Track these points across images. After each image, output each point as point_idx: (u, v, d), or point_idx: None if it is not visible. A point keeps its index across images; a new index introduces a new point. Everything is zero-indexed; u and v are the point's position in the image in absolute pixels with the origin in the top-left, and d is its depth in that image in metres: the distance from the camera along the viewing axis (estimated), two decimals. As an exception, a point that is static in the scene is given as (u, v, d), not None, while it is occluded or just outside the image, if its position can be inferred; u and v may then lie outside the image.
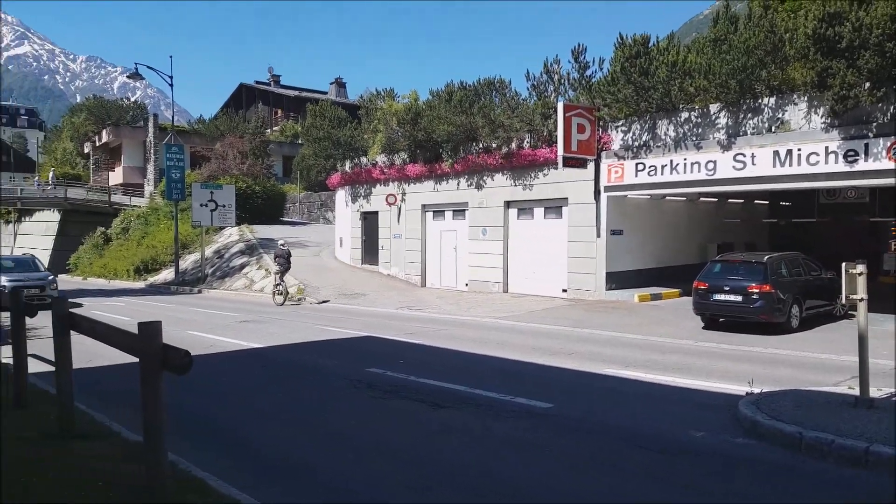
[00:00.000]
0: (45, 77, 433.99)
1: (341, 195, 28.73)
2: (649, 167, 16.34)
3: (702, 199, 19.87)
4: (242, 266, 27.32)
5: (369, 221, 26.43)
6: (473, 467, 5.67)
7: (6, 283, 18.72)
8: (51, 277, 21.43)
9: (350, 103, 44.23)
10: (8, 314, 8.02)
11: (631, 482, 5.31)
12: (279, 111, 60.58)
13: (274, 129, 56.60)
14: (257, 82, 64.17)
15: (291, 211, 42.71)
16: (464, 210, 21.84)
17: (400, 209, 24.24)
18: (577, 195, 18.01)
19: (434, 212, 23.27)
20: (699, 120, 15.92)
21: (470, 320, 15.66)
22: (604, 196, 17.43)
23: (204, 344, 12.31)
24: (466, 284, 21.52)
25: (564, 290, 18.52)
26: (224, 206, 27.82)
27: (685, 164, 15.72)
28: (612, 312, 15.66)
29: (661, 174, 16.11)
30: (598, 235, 17.57)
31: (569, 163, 16.71)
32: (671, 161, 15.95)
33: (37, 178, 58.25)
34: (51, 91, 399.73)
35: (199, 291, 25.88)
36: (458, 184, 21.74)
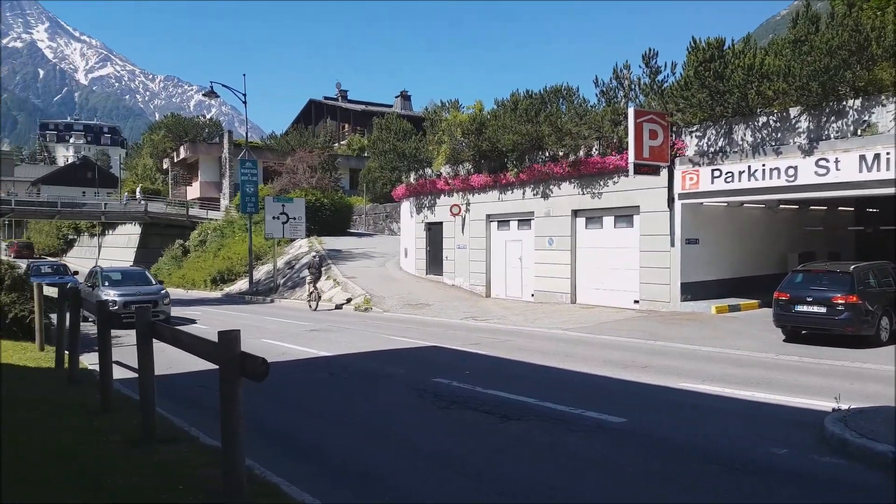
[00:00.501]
0: (127, 97, 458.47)
1: (406, 206, 29.00)
2: (726, 174, 15.78)
3: (782, 206, 19.04)
4: (311, 276, 27.88)
5: (433, 232, 26.55)
6: (544, 482, 5.54)
7: (117, 299, 17.29)
8: (164, 291, 19.00)
9: (415, 115, 44.79)
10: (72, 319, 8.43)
11: (711, 502, 5.07)
12: (346, 125, 61.89)
13: (341, 142, 57.85)
14: (326, 98, 65.79)
15: (358, 223, 43.46)
16: (529, 220, 21.63)
17: (464, 219, 24.26)
18: (649, 203, 17.56)
19: (499, 222, 23.16)
20: (778, 124, 15.28)
21: (537, 331, 15.44)
22: (678, 204, 16.91)
23: (276, 352, 12.60)
24: (532, 295, 21.28)
25: (636, 301, 18.04)
26: (294, 218, 28.52)
27: (764, 170, 15.10)
28: (687, 324, 15.14)
29: (739, 181, 15.52)
30: (672, 245, 17.06)
31: (640, 170, 16.31)
32: (749, 167, 15.35)
33: (126, 193, 61.50)
34: (131, 110, 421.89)
35: (272, 301, 26.58)
36: (523, 193, 21.57)
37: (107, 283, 18.70)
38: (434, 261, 26.58)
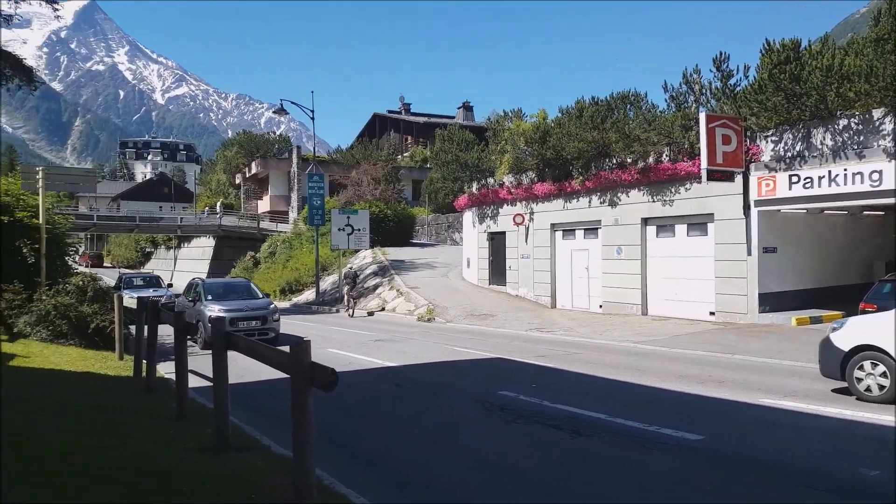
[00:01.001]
0: (201, 115, 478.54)
1: (468, 216, 28.99)
2: (804, 179, 15.06)
3: (866, 212, 18.00)
4: (376, 287, 28.21)
5: (496, 242, 26.41)
6: (617, 499, 5.37)
7: (222, 315, 14.69)
8: (272, 306, 16.88)
9: (477, 126, 44.86)
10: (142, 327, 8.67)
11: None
12: (409, 137, 62.56)
13: (404, 154, 58.50)
14: (389, 111, 66.71)
15: (420, 233, 43.75)
16: (596, 228, 21.22)
17: (528, 229, 24.03)
18: (723, 210, 16.93)
19: (564, 231, 22.82)
20: (860, 127, 14.49)
21: (606, 344, 15.07)
22: (754, 211, 16.24)
23: (343, 361, 12.72)
24: (600, 306, 20.81)
25: (712, 313, 17.36)
26: (359, 230, 28.96)
27: (845, 174, 14.33)
28: (767, 337, 14.46)
29: (819, 186, 14.77)
30: (749, 253, 16.38)
31: (714, 176, 15.77)
32: (829, 172, 14.60)
33: (206, 208, 64.13)
34: (205, 127, 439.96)
35: (337, 311, 26.98)
36: (589, 201, 21.20)
37: (209, 297, 16.75)
38: (497, 271, 26.42)
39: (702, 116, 15.76)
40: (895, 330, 8.27)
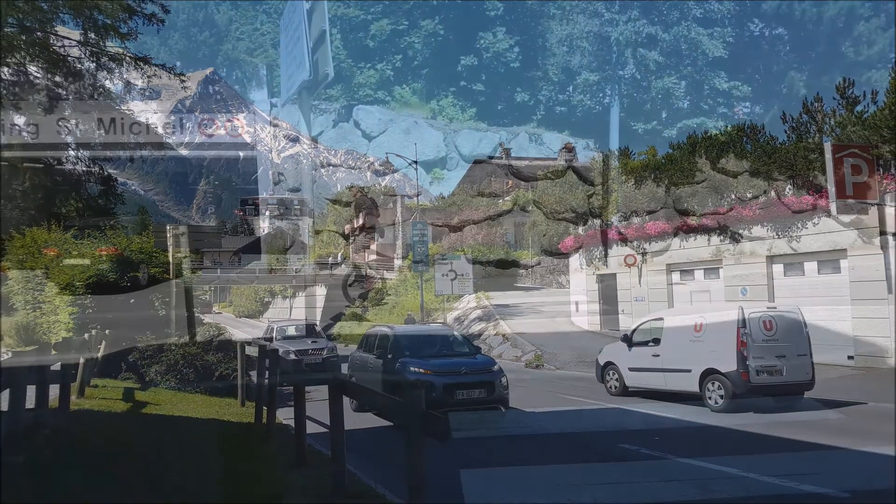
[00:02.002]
0: (313, 171, 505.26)
1: (575, 258, 28.40)
2: (951, 208, 13.67)
3: None
4: (480, 332, 28.01)
5: (606, 284, 25.61)
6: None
7: (434, 380, 10.61)
8: (498, 367, 11.96)
9: (581, 166, 44.40)
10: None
11: None
12: (510, 182, 62.81)
13: (506, 198, 58.72)
14: (490, 157, 67.48)
15: (524, 276, 43.34)
16: (717, 268, 20.05)
17: (640, 270, 23.16)
18: (857, 245, 15.57)
19: (681, 271, 21.76)
20: None
21: (731, 390, 14.05)
22: (893, 245, 14.87)
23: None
24: (724, 350, 19.53)
25: (850, 357, 15.87)
26: (462, 275, 29.07)
27: None
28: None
29: (969, 215, 13.35)
30: (890, 291, 14.92)
31: (844, 209, 14.65)
32: (980, 199, 13.17)
33: (330, 257, 67.23)
34: (317, 183, 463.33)
35: (445, 357, 26.94)
36: (707, 239, 20.11)
37: (407, 353, 11.94)
38: (608, 314, 25.50)
39: (827, 146, 14.78)
40: (619, 353, 13.82)
